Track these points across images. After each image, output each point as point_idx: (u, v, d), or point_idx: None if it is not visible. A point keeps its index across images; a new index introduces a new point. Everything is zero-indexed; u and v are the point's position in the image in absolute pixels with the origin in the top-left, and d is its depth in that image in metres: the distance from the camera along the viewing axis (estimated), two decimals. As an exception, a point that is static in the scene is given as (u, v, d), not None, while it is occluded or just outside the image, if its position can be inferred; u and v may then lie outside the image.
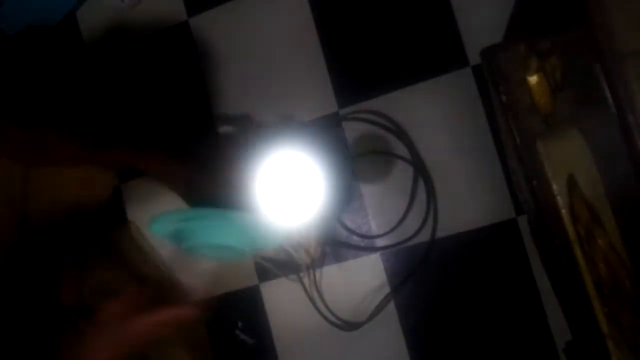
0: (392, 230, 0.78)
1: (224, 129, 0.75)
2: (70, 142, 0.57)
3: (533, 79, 0.52)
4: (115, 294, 0.71)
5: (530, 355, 0.74)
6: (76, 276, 0.70)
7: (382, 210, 0.80)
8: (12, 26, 0.94)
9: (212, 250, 0.57)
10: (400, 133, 0.78)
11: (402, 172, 0.79)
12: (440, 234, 0.77)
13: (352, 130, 0.81)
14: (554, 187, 0.52)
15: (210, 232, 0.55)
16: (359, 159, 0.80)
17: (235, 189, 0.57)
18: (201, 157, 0.58)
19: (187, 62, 0.88)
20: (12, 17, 0.93)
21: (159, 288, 0.55)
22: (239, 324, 0.83)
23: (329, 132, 0.81)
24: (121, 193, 0.87)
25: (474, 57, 0.76)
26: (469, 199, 0.76)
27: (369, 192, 0.80)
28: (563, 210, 0.52)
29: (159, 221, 0.55)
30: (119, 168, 0.57)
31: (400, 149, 0.79)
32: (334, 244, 0.80)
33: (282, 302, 0.83)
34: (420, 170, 0.78)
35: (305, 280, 0.80)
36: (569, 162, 0.51)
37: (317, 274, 0.81)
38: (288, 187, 0.63)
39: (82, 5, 0.94)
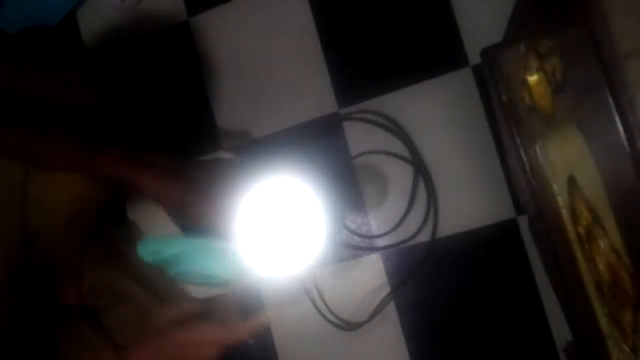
0: (392, 230, 0.78)
1: (223, 154, 0.75)
2: (69, 143, 0.57)
3: (533, 79, 0.52)
4: (115, 294, 0.71)
5: (530, 355, 0.74)
6: (76, 276, 0.70)
7: (382, 210, 0.80)
8: (12, 26, 0.94)
9: (197, 278, 0.58)
10: (400, 133, 0.78)
11: (402, 172, 0.79)
12: (440, 234, 0.77)
13: (353, 130, 0.81)
14: (554, 187, 0.52)
15: (198, 262, 0.55)
16: (359, 159, 0.80)
17: (226, 217, 0.57)
18: (197, 179, 0.58)
19: (187, 62, 0.88)
20: (12, 17, 0.93)
21: (206, 307, 0.55)
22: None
23: (329, 132, 0.81)
24: (121, 193, 0.87)
25: (474, 57, 0.76)
26: (469, 199, 0.76)
27: (369, 192, 0.80)
28: (563, 211, 0.52)
29: (147, 245, 0.56)
30: (115, 182, 0.57)
31: (400, 149, 0.79)
32: (333, 244, 0.80)
33: (282, 302, 0.82)
34: (421, 170, 0.78)
35: (306, 280, 0.80)
36: (569, 162, 0.51)
37: (317, 274, 0.81)
38: (282, 217, 0.60)
39: (82, 5, 0.94)
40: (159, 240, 0.56)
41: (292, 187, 0.61)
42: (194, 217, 0.56)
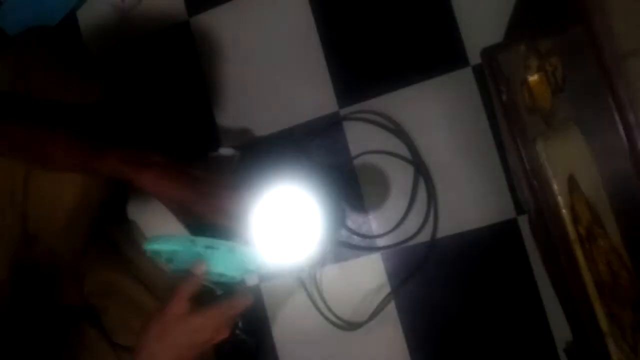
0: (392, 230, 0.78)
1: (225, 150, 0.75)
2: (72, 142, 0.57)
3: (533, 79, 0.52)
4: (115, 294, 0.71)
5: (530, 355, 0.74)
6: (76, 276, 0.70)
7: (382, 210, 0.80)
8: (12, 26, 0.94)
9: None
10: (400, 133, 0.78)
11: (402, 172, 0.79)
12: (440, 233, 0.77)
13: (353, 130, 0.81)
14: (555, 187, 0.52)
15: (205, 260, 0.55)
16: (359, 159, 0.80)
17: (231, 216, 0.57)
18: (200, 177, 0.58)
19: (187, 62, 0.88)
20: (12, 17, 0.94)
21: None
22: (239, 324, 0.83)
23: (329, 132, 0.81)
24: (121, 193, 0.87)
25: (474, 57, 0.76)
26: (470, 199, 0.76)
27: (369, 192, 0.80)
28: (564, 211, 0.52)
29: (154, 243, 0.55)
30: (115, 179, 0.56)
31: (401, 148, 0.79)
32: (334, 244, 0.80)
33: (282, 302, 0.83)
34: (421, 170, 0.78)
35: (306, 280, 0.80)
36: (569, 162, 0.51)
37: (318, 274, 0.81)
38: (284, 220, 0.61)
39: (82, 5, 0.94)
40: (166, 238, 0.55)
41: (294, 195, 0.62)
42: (199, 215, 0.56)
